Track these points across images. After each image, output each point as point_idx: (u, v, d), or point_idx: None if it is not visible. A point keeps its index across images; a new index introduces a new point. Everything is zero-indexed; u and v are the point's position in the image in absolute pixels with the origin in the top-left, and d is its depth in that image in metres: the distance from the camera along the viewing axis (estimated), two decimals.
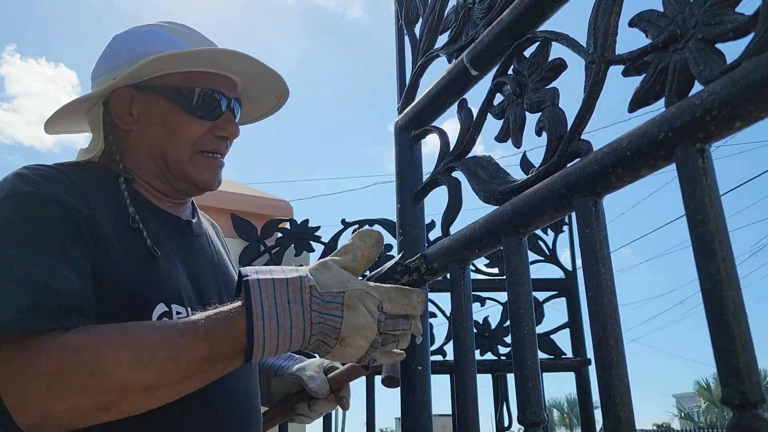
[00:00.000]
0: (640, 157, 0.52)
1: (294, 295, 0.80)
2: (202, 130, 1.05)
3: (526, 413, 0.63)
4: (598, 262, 0.56)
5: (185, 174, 1.05)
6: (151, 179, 1.06)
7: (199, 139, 1.05)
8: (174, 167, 1.05)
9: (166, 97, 1.04)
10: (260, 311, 0.78)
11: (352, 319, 0.80)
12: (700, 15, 0.50)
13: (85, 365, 0.75)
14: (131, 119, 1.05)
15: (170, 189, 1.08)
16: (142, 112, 1.05)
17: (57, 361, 0.75)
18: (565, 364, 1.96)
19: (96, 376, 0.75)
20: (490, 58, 0.78)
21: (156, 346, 0.78)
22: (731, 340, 0.42)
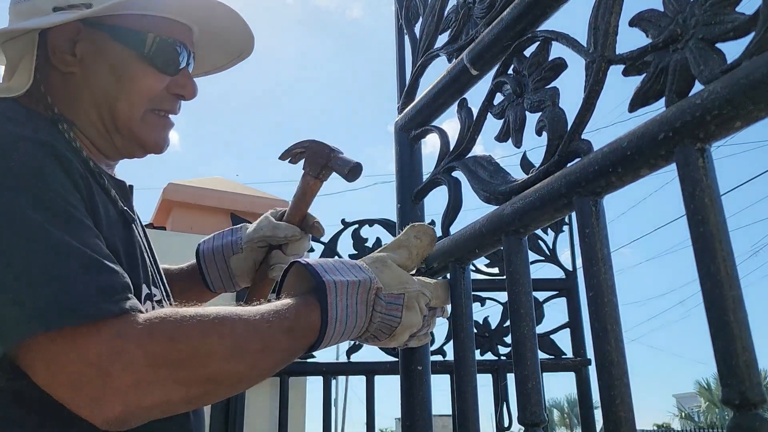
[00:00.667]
0: (640, 156, 0.52)
1: (362, 297, 0.79)
2: (160, 85, 0.90)
3: (526, 413, 0.63)
4: (599, 261, 0.56)
5: (133, 134, 0.90)
6: (90, 133, 0.89)
7: (155, 95, 0.90)
8: (122, 124, 0.89)
9: (121, 39, 0.87)
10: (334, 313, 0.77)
11: (408, 320, 0.81)
12: (701, 15, 0.50)
13: (179, 356, 0.67)
14: (72, 60, 0.87)
15: (109, 147, 0.91)
16: (87, 53, 0.87)
17: (150, 350, 0.66)
18: (565, 364, 1.96)
19: (191, 368, 0.67)
20: (491, 57, 0.78)
21: (248, 338, 0.72)
22: (731, 340, 0.42)
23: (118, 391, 0.64)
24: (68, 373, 0.63)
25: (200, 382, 0.69)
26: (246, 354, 0.71)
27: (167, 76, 0.91)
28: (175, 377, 0.67)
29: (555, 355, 2.01)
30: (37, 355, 0.64)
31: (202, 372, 0.68)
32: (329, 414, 1.86)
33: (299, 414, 2.05)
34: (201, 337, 0.69)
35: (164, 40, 0.89)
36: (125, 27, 0.87)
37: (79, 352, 0.63)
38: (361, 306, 0.80)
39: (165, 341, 0.67)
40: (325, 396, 1.87)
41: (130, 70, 0.88)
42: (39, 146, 0.72)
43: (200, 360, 0.68)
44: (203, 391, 0.70)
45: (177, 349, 0.67)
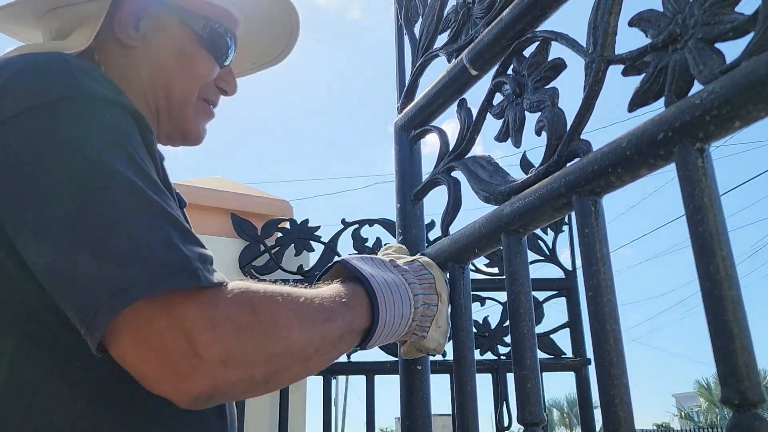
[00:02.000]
0: (639, 156, 0.52)
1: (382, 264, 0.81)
2: (213, 73, 0.88)
3: (525, 413, 0.63)
4: (598, 261, 0.56)
5: (184, 116, 0.88)
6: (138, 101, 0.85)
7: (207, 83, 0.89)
8: (176, 105, 0.87)
9: (187, 21, 0.86)
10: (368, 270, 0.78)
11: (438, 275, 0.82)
12: (700, 15, 0.50)
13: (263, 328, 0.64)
14: (135, 34, 0.84)
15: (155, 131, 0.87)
16: (151, 29, 0.85)
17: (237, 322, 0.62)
18: (565, 363, 1.96)
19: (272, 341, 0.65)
20: (490, 57, 0.78)
21: (315, 309, 0.70)
22: (731, 340, 0.42)
23: (209, 365, 0.59)
24: (158, 342, 0.58)
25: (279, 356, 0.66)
26: (316, 324, 0.69)
27: (218, 67, 0.89)
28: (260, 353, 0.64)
29: (555, 354, 2.01)
30: (127, 325, 0.58)
31: (281, 345, 0.65)
32: (329, 414, 1.86)
33: (299, 414, 2.05)
34: (279, 309, 0.66)
35: (218, 28, 0.88)
36: (189, 8, 0.86)
37: (174, 319, 0.58)
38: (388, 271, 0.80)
39: (249, 314, 0.64)
40: (325, 396, 1.87)
41: (191, 53, 0.86)
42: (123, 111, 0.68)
43: (280, 332, 0.66)
44: (281, 366, 0.66)
45: (260, 322, 0.64)
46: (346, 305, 0.73)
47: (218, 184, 3.32)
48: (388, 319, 0.75)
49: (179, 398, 0.60)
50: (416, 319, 0.80)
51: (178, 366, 0.58)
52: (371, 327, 0.74)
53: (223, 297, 0.62)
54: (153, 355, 0.58)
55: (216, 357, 0.59)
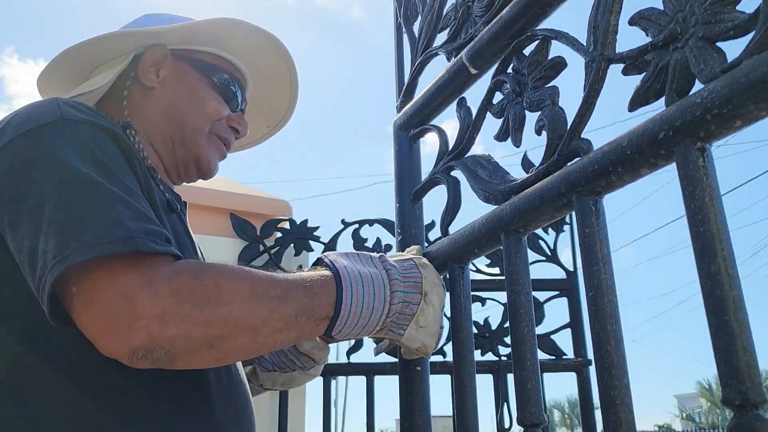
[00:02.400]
0: (640, 156, 0.52)
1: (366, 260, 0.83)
2: (224, 113, 1.04)
3: (525, 414, 0.63)
4: (599, 261, 0.56)
5: (196, 145, 1.01)
6: (158, 142, 1.00)
7: (218, 120, 1.04)
8: (188, 135, 1.01)
9: (200, 70, 1.03)
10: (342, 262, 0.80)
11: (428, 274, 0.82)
12: (701, 13, 0.49)
13: (204, 291, 0.70)
14: (155, 78, 1.01)
15: (171, 160, 1.02)
16: (169, 77, 1.02)
17: (175, 283, 0.69)
18: (566, 364, 1.95)
19: (212, 304, 0.70)
20: (490, 56, 0.77)
21: (268, 284, 0.74)
22: (732, 340, 0.42)
23: (143, 320, 0.66)
24: (100, 302, 0.67)
25: (220, 320, 0.70)
26: (266, 298, 0.73)
27: (228, 109, 1.05)
28: (198, 312, 0.69)
29: (555, 355, 2.00)
30: (75, 290, 0.67)
31: (223, 310, 0.70)
32: (329, 414, 1.86)
33: (299, 414, 2.04)
34: (225, 277, 0.72)
35: (230, 79, 1.06)
36: (203, 60, 1.05)
37: (114, 281, 0.67)
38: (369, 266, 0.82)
39: (190, 277, 0.70)
40: (325, 396, 1.87)
41: (203, 93, 1.02)
42: (100, 129, 0.80)
43: (222, 297, 0.70)
44: (224, 332, 0.71)
45: (202, 285, 0.70)
46: (307, 289, 0.76)
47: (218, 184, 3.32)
48: (353, 311, 0.77)
49: (119, 352, 0.67)
50: (391, 316, 0.80)
51: (118, 322, 0.66)
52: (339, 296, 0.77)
53: (165, 263, 0.70)
54: (97, 315, 0.67)
55: (152, 312, 0.66)
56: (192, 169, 1.05)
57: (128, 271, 0.67)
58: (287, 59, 1.12)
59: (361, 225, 2.11)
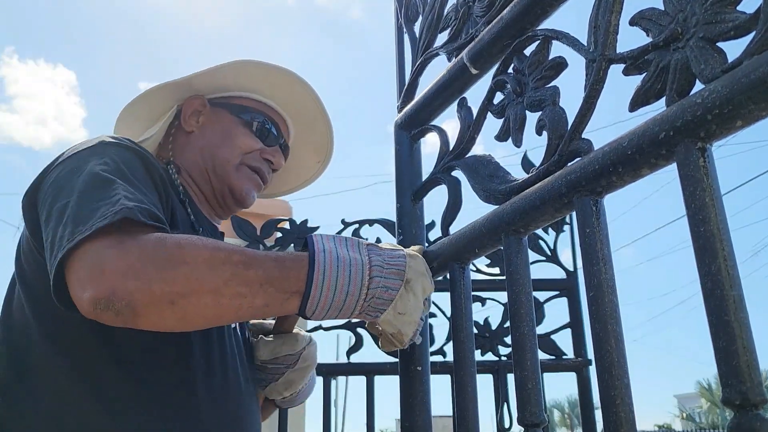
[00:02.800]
0: (641, 156, 0.52)
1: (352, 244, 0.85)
2: (255, 146, 1.15)
3: (525, 414, 0.63)
4: (599, 261, 0.56)
5: (227, 177, 1.13)
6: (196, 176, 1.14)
7: (249, 152, 1.15)
8: (219, 168, 1.13)
9: (233, 112, 1.17)
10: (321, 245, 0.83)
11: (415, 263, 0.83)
12: (701, 13, 0.49)
13: (166, 252, 0.76)
14: (195, 124, 1.17)
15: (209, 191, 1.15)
16: (206, 121, 1.17)
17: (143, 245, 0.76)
18: (566, 364, 1.95)
19: (173, 263, 0.76)
20: (490, 56, 0.77)
21: (232, 251, 0.79)
22: (732, 340, 0.42)
23: (107, 273, 0.74)
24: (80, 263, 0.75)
25: (180, 278, 0.75)
26: (227, 262, 0.78)
27: (260, 143, 1.16)
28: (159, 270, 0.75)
29: (556, 355, 2.00)
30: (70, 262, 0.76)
31: (183, 269, 0.75)
32: (329, 414, 1.86)
33: (299, 414, 2.04)
34: (189, 243, 0.78)
35: (265, 120, 1.18)
36: (237, 104, 1.18)
37: (94, 245, 0.76)
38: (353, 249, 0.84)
39: (156, 241, 0.77)
40: (325, 396, 1.87)
41: (234, 131, 1.16)
42: (129, 151, 0.94)
43: (184, 258, 0.76)
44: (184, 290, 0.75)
45: (165, 248, 0.77)
46: (276, 261, 0.81)
47: None
48: (325, 293, 0.79)
49: (84, 302, 0.73)
50: (368, 300, 0.81)
51: (86, 275, 0.74)
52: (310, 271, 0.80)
53: (142, 232, 0.78)
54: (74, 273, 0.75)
55: (117, 267, 0.74)
56: (229, 199, 1.16)
57: (108, 236, 0.76)
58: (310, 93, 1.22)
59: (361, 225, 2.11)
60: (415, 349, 0.89)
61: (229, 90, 1.19)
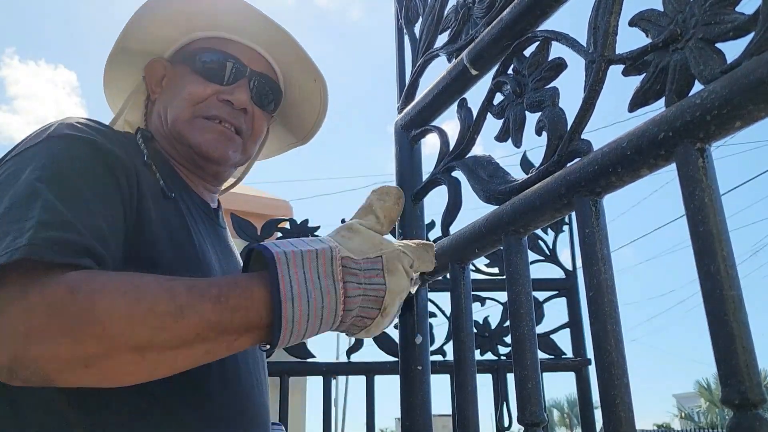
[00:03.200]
0: (640, 156, 0.52)
1: (324, 269, 0.71)
2: (205, 92, 0.98)
3: (525, 413, 0.63)
4: (598, 261, 0.56)
5: (182, 135, 0.97)
6: (164, 145, 1.00)
7: (201, 101, 0.98)
8: (172, 127, 0.98)
9: (187, 61, 1.01)
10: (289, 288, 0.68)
11: (394, 284, 0.73)
12: (701, 14, 0.49)
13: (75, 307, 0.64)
14: (159, 89, 1.04)
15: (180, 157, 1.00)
16: (167, 82, 1.04)
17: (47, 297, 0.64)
18: (566, 364, 1.95)
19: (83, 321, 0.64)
20: (490, 57, 0.77)
21: (157, 298, 0.66)
22: (731, 340, 0.42)
23: (6, 338, 0.63)
24: None
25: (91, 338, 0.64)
26: (151, 314, 0.65)
27: (214, 84, 0.98)
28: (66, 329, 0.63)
29: (555, 355, 2.01)
30: None
31: (96, 328, 0.64)
32: (329, 414, 1.86)
33: (299, 414, 2.05)
34: (102, 292, 0.65)
35: (214, 54, 1.00)
36: (193, 48, 1.02)
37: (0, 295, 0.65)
38: (326, 279, 0.71)
39: (65, 291, 0.65)
40: (325, 396, 1.87)
41: (182, 82, 1.00)
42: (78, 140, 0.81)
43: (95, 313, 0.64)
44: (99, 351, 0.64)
45: (73, 301, 0.64)
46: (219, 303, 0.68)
47: None
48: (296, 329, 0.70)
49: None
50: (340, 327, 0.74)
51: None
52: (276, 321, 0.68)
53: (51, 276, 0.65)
54: None
55: (18, 330, 0.62)
56: (199, 159, 0.99)
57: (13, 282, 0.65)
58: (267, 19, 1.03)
59: None
60: (415, 348, 0.89)
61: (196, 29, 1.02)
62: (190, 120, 0.97)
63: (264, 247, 0.72)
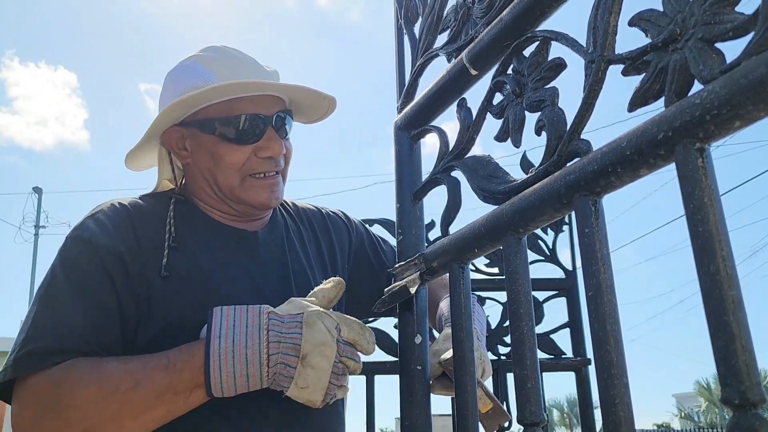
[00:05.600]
0: (639, 156, 0.52)
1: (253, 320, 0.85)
2: (245, 155, 1.10)
3: (525, 413, 0.63)
4: (598, 261, 0.56)
5: (239, 198, 1.11)
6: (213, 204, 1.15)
7: (244, 164, 1.10)
8: (228, 193, 1.11)
9: (205, 130, 1.11)
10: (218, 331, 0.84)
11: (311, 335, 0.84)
12: (700, 14, 0.49)
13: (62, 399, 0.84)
14: (186, 153, 1.15)
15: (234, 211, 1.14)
16: (193, 146, 1.13)
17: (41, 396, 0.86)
18: (565, 363, 1.95)
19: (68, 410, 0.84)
20: (490, 57, 0.77)
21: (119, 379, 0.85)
22: (731, 340, 0.42)
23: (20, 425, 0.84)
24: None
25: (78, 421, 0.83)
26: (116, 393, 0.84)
27: (248, 146, 1.10)
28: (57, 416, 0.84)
29: (555, 354, 2.01)
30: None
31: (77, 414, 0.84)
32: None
33: None
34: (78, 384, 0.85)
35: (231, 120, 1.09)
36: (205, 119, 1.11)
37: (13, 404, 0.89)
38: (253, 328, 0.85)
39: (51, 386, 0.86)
40: None
41: (218, 152, 1.10)
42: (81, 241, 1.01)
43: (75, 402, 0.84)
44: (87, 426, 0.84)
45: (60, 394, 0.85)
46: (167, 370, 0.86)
47: None
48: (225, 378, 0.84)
49: None
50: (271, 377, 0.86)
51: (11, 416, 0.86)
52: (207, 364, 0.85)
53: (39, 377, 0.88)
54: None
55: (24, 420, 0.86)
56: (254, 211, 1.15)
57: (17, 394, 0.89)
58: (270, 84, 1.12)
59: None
60: (414, 348, 0.89)
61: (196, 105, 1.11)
62: (241, 183, 1.11)
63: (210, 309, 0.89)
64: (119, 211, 1.05)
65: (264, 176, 1.12)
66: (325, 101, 1.21)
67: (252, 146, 1.10)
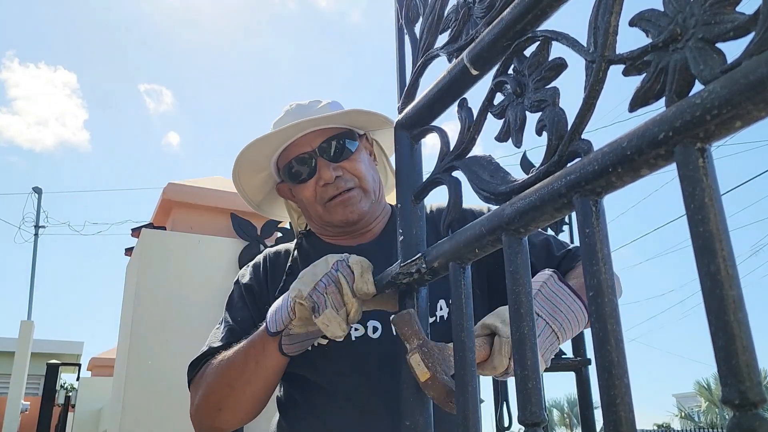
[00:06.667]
0: (640, 156, 0.52)
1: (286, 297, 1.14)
2: (311, 189, 1.34)
3: (526, 413, 0.63)
4: (599, 261, 0.56)
5: (328, 221, 1.35)
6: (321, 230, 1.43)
7: (316, 195, 1.34)
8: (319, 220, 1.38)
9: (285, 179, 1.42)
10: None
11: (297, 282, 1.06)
12: (700, 14, 0.49)
13: (203, 383, 1.27)
14: (294, 198, 1.45)
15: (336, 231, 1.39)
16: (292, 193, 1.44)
17: (201, 379, 1.28)
18: (566, 363, 1.96)
19: (204, 387, 1.26)
20: (491, 57, 0.77)
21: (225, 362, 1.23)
22: (731, 340, 0.42)
23: (192, 402, 1.30)
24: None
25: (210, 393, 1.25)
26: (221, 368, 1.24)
27: (310, 181, 1.34)
28: (208, 394, 1.25)
29: (555, 355, 2.01)
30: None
31: (206, 389, 1.26)
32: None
33: None
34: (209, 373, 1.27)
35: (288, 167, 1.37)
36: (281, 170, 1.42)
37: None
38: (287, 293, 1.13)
39: (200, 377, 1.30)
40: None
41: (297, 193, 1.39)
42: (238, 285, 1.43)
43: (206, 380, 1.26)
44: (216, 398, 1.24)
45: (205, 380, 1.26)
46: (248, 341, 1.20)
47: (218, 184, 3.32)
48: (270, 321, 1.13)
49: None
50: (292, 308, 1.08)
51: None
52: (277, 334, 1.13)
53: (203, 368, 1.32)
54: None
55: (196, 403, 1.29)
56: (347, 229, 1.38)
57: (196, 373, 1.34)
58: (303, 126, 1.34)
59: None
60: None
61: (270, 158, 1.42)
62: (324, 209, 1.34)
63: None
64: (260, 258, 1.45)
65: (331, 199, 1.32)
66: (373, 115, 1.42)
67: (313, 179, 1.33)
